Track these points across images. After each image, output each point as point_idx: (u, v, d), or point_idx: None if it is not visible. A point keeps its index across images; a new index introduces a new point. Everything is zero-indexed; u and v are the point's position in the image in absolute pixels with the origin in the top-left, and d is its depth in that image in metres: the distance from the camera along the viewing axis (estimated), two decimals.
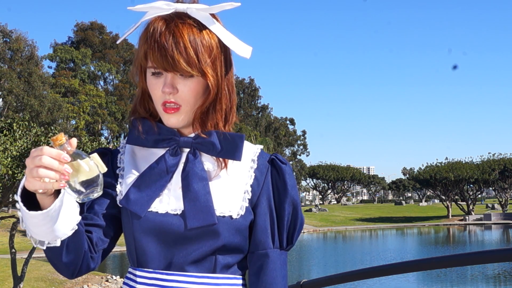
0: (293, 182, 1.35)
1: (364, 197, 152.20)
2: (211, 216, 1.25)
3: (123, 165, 1.37)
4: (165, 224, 1.27)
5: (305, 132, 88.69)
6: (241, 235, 1.31)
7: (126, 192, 1.30)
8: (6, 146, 14.48)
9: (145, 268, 1.30)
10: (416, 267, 2.60)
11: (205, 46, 1.26)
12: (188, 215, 1.26)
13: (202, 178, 1.29)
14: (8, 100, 43.53)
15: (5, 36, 48.62)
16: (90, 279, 24.23)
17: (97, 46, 63.79)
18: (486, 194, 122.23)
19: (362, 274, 2.82)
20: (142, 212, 1.27)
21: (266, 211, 1.34)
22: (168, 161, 1.31)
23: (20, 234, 39.03)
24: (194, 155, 1.31)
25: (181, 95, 1.27)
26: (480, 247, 41.57)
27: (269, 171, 1.36)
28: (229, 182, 1.32)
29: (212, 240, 1.27)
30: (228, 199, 1.30)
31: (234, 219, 1.29)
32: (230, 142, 1.31)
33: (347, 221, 71.62)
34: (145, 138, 1.33)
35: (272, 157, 1.37)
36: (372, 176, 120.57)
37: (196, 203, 1.26)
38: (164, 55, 1.24)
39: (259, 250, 1.34)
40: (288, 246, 1.37)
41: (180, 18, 1.26)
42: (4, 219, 19.79)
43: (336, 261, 31.42)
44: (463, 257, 2.22)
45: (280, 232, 1.35)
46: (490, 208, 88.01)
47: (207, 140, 1.30)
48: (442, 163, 75.44)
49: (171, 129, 1.32)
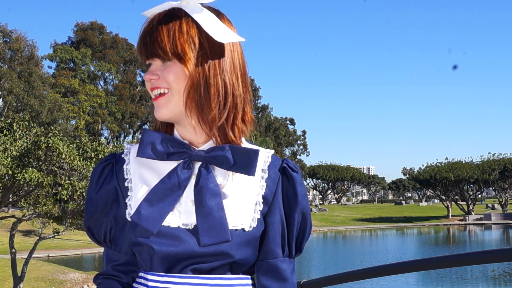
0: (304, 191, 1.34)
1: (364, 197, 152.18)
2: (225, 233, 1.24)
3: (130, 176, 1.33)
4: (176, 239, 1.26)
5: (305, 132, 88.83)
6: (252, 246, 1.30)
7: (138, 208, 1.27)
8: (6, 146, 14.47)
9: (157, 272, 1.28)
10: (416, 267, 2.60)
11: (183, 33, 1.25)
12: (201, 231, 1.24)
13: (216, 193, 1.26)
14: (8, 100, 43.54)
15: (5, 36, 48.65)
16: (90, 279, 24.22)
17: (97, 46, 63.82)
18: (486, 194, 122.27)
19: (362, 274, 2.82)
20: (154, 229, 1.25)
21: (278, 220, 1.33)
22: (181, 175, 1.28)
23: (20, 234, 39.02)
24: (207, 169, 1.28)
25: (162, 78, 1.26)
26: (480, 247, 41.57)
27: (280, 180, 1.34)
28: (240, 194, 1.30)
29: (225, 254, 1.26)
30: (240, 211, 1.28)
31: (247, 232, 1.27)
32: (244, 156, 1.27)
33: (347, 221, 71.63)
34: (156, 151, 1.29)
35: (284, 165, 1.35)
36: (372, 176, 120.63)
37: (209, 219, 1.24)
38: (143, 42, 1.27)
39: (269, 259, 1.33)
40: (296, 254, 1.37)
41: (169, 11, 1.27)
42: (4, 219, 19.77)
43: (336, 261, 31.43)
44: (463, 257, 2.22)
45: (290, 241, 1.34)
46: (490, 208, 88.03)
47: (220, 154, 1.27)
48: (442, 163, 75.46)
49: (183, 142, 1.29)
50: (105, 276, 1.37)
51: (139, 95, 62.91)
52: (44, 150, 14.47)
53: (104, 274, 1.38)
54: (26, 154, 14.63)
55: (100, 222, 1.36)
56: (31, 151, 14.54)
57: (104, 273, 1.38)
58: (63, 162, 14.73)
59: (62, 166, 14.89)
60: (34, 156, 14.64)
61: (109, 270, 1.37)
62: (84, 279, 24.14)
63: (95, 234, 1.38)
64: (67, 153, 14.52)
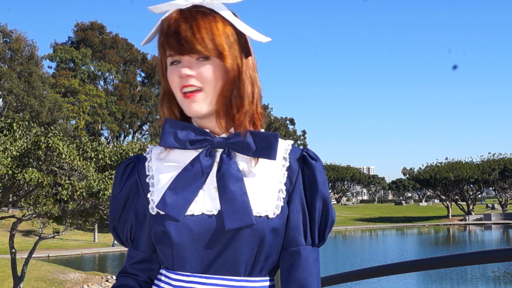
0: (324, 178, 1.35)
1: (364, 197, 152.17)
2: (249, 216, 1.25)
3: (152, 172, 1.36)
4: (201, 226, 1.27)
5: (305, 132, 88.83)
6: (277, 234, 1.30)
7: (163, 196, 1.29)
8: (6, 146, 14.47)
9: (181, 271, 1.29)
10: (416, 267, 2.60)
11: (220, 31, 1.27)
12: (226, 216, 1.25)
13: (238, 178, 1.28)
14: (8, 100, 43.54)
15: (5, 36, 48.65)
16: (90, 279, 24.23)
17: (97, 46, 63.80)
18: (486, 194, 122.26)
19: (362, 274, 2.82)
20: (180, 216, 1.26)
21: (299, 208, 1.34)
22: (203, 162, 1.29)
23: (20, 234, 39.03)
24: (228, 156, 1.29)
25: (199, 76, 1.27)
26: (480, 247, 41.59)
27: (300, 168, 1.36)
28: (263, 181, 1.31)
29: (250, 240, 1.26)
30: (264, 198, 1.29)
31: (271, 219, 1.28)
32: (265, 141, 1.29)
33: (347, 221, 71.65)
34: (179, 139, 1.31)
35: (303, 153, 1.37)
36: (372, 176, 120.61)
37: (233, 203, 1.25)
38: (178, 38, 1.25)
39: (291, 247, 1.33)
40: (320, 242, 1.36)
41: (195, 7, 1.29)
42: (4, 219, 19.77)
43: (336, 261, 31.42)
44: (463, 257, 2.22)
45: (312, 229, 1.35)
46: (490, 208, 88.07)
47: (241, 139, 1.29)
48: (442, 163, 75.48)
49: (204, 130, 1.31)
50: (123, 274, 1.41)
51: (139, 95, 62.91)
52: (44, 150, 14.47)
53: (122, 272, 1.41)
54: (26, 154, 14.63)
55: (124, 220, 1.38)
56: (31, 151, 14.54)
57: (122, 271, 1.42)
58: (63, 162, 14.73)
59: (62, 166, 14.89)
60: (34, 156, 14.64)
61: (127, 268, 1.40)
62: (84, 279, 24.13)
63: (119, 234, 1.40)
64: (67, 153, 14.52)
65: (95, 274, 25.61)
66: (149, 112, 62.63)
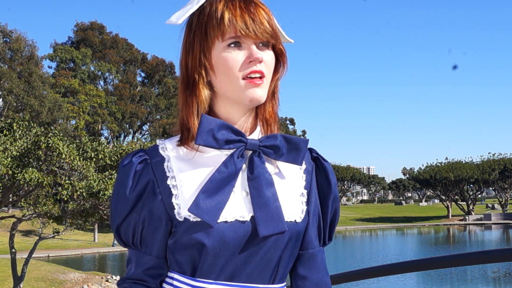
0: (335, 180, 1.35)
1: (364, 197, 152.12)
2: (282, 223, 1.20)
3: (173, 173, 1.24)
4: (234, 233, 1.19)
5: (305, 132, 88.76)
6: (299, 238, 1.29)
7: (196, 199, 1.18)
8: (6, 146, 14.46)
9: (205, 278, 1.21)
10: (416, 267, 2.60)
11: (272, 20, 1.24)
12: (260, 222, 1.19)
13: (271, 183, 1.22)
14: (8, 100, 43.53)
15: (5, 36, 48.62)
16: (90, 279, 24.22)
17: (97, 46, 63.77)
18: (486, 194, 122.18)
19: (362, 274, 2.82)
20: (214, 222, 1.17)
21: (315, 210, 1.33)
22: (237, 164, 1.21)
23: (20, 234, 39.02)
24: (260, 158, 1.23)
25: (264, 65, 1.21)
26: (480, 247, 41.57)
27: (314, 170, 1.35)
28: (287, 185, 1.28)
29: (279, 247, 1.23)
30: (290, 203, 1.26)
31: (297, 223, 1.26)
32: (294, 146, 1.26)
33: (347, 221, 71.60)
34: (217, 139, 1.20)
35: (315, 156, 1.37)
36: (372, 176, 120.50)
37: (267, 210, 1.20)
38: (253, 20, 1.18)
39: (308, 249, 1.33)
40: (328, 242, 1.37)
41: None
42: (4, 219, 19.77)
43: (336, 261, 31.40)
44: (463, 257, 2.22)
45: (324, 230, 1.35)
46: (490, 208, 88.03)
47: (274, 143, 1.24)
48: (442, 163, 75.46)
49: (239, 130, 1.22)
50: (133, 281, 1.28)
51: (139, 95, 62.85)
52: (44, 150, 14.46)
53: (132, 278, 1.28)
54: (26, 154, 14.61)
55: (131, 221, 1.25)
56: (31, 151, 14.53)
57: (131, 277, 1.28)
58: (63, 162, 14.72)
59: (62, 166, 14.88)
60: (34, 156, 14.62)
61: (138, 274, 1.27)
62: (84, 279, 24.12)
63: (123, 236, 1.27)
64: (67, 153, 14.51)
65: (95, 274, 25.59)
66: (149, 112, 62.56)
